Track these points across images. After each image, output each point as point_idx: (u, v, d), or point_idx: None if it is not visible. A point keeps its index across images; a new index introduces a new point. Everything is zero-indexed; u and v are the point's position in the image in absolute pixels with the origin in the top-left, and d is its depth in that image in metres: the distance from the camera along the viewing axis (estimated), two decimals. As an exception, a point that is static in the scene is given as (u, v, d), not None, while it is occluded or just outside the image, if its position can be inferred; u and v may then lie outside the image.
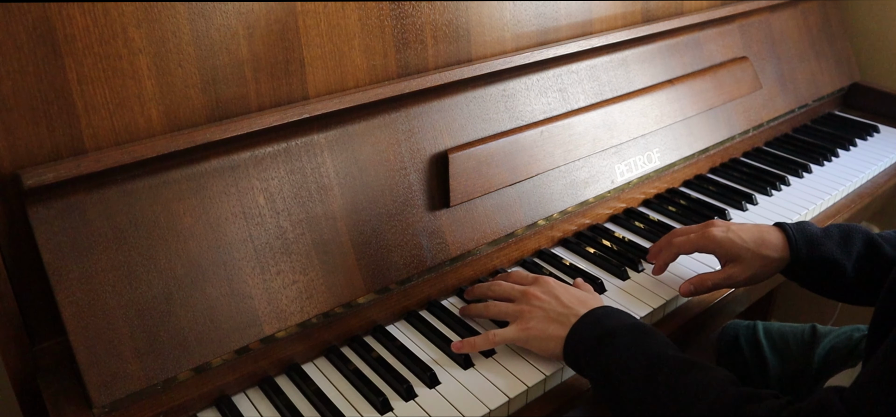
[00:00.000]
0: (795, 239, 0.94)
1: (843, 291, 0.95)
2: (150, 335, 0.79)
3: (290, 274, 0.88)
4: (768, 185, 1.34)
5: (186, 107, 0.85)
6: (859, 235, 0.94)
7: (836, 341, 1.09)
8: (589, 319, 0.84)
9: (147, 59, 0.81)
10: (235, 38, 0.87)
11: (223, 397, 0.86)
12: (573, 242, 1.17)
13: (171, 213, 0.82)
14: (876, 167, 1.43)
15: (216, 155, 0.85)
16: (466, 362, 0.90)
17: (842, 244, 0.93)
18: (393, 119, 0.99)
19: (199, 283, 0.82)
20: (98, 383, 0.76)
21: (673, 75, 1.33)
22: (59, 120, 0.77)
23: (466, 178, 1.02)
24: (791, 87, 1.56)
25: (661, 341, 0.79)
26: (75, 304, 0.75)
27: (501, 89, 1.10)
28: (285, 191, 0.89)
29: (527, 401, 0.87)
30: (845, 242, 0.93)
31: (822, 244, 0.93)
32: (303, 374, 0.89)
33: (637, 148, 1.25)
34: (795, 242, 0.93)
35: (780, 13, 1.57)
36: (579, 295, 0.91)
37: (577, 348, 0.83)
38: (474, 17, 1.08)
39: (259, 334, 0.86)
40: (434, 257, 1.00)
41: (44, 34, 0.74)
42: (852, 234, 0.94)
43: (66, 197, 0.76)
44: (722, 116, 1.40)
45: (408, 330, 0.98)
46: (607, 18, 1.27)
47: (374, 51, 0.99)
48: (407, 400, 0.85)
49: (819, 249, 0.93)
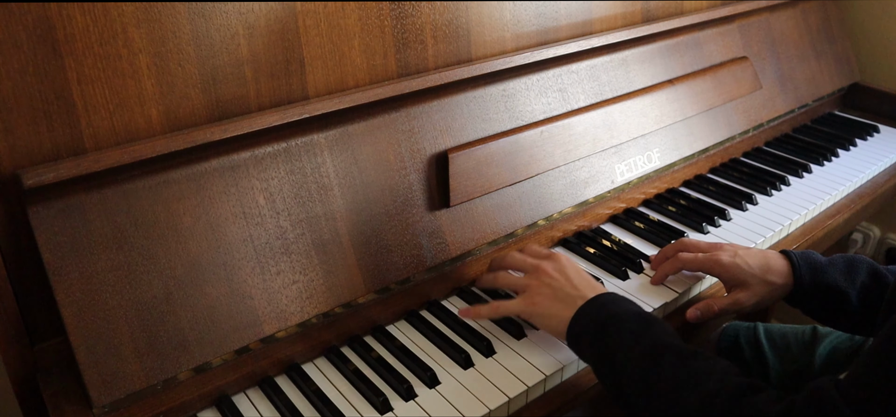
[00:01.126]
0: (799, 266, 0.95)
1: (848, 320, 0.95)
2: (150, 335, 0.79)
3: (290, 274, 0.88)
4: (768, 185, 1.33)
5: (186, 107, 0.85)
6: (864, 266, 0.95)
7: (837, 342, 1.09)
8: (595, 303, 0.85)
9: (147, 58, 0.81)
10: (235, 37, 0.87)
11: (223, 397, 0.86)
12: (573, 242, 1.17)
13: (171, 213, 0.82)
14: (876, 167, 1.43)
15: (216, 155, 0.85)
16: (466, 362, 0.90)
17: (846, 273, 0.94)
18: (393, 119, 0.99)
19: (199, 283, 0.82)
20: (98, 383, 0.76)
21: (673, 75, 1.33)
22: (59, 120, 0.77)
23: (466, 178, 1.02)
24: (791, 87, 1.56)
25: (666, 330, 0.80)
26: (75, 304, 0.75)
27: (501, 89, 1.10)
28: (285, 191, 0.89)
29: (527, 401, 0.87)
30: (849, 272, 0.94)
31: (825, 272, 0.94)
32: (303, 374, 0.89)
33: (637, 148, 1.25)
34: (799, 269, 0.94)
35: (780, 13, 1.57)
36: (590, 278, 0.92)
37: (581, 330, 0.84)
38: (474, 16, 1.08)
39: (259, 334, 0.86)
40: (434, 257, 1.00)
41: (44, 34, 0.74)
42: (857, 265, 0.95)
43: (66, 197, 0.76)
44: (722, 116, 1.40)
45: (408, 330, 0.98)
46: (607, 18, 1.27)
47: (374, 51, 0.99)
48: (407, 400, 0.85)
49: (822, 277, 0.94)
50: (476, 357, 0.91)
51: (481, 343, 0.92)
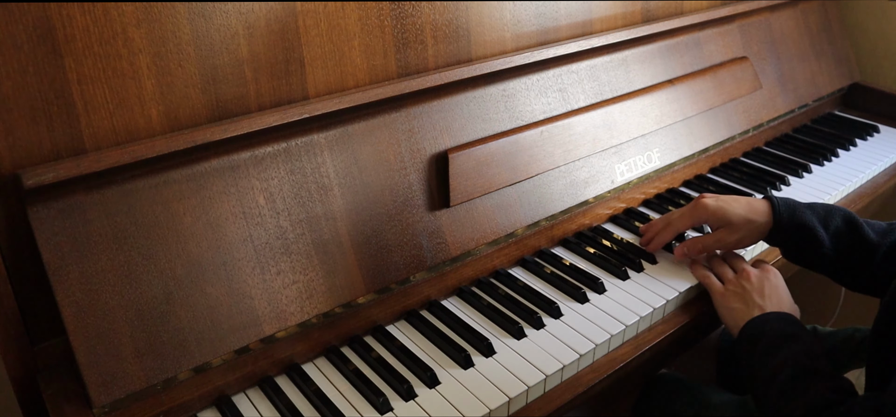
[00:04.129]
0: (778, 205, 1.01)
1: (821, 262, 1.00)
2: (150, 335, 0.79)
3: (290, 274, 0.88)
4: (768, 185, 1.33)
5: (186, 107, 0.85)
6: (840, 213, 1.01)
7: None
8: (759, 320, 0.92)
9: (147, 58, 0.81)
10: (235, 37, 0.87)
11: (223, 397, 0.86)
12: (573, 242, 1.17)
13: (171, 213, 0.82)
14: (876, 167, 1.43)
15: (216, 155, 0.85)
16: (466, 362, 0.90)
17: (822, 217, 1.00)
18: (393, 119, 0.99)
19: (199, 283, 0.82)
20: (98, 383, 0.76)
21: (673, 75, 1.33)
22: (59, 120, 0.77)
23: (466, 178, 1.02)
24: (791, 87, 1.56)
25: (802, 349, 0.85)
26: (75, 304, 0.75)
27: (501, 89, 1.10)
28: (285, 191, 0.89)
29: (527, 401, 0.87)
30: (826, 216, 1.00)
31: (802, 212, 1.00)
32: (303, 374, 0.89)
33: (637, 148, 1.25)
34: (778, 208, 1.01)
35: (780, 13, 1.57)
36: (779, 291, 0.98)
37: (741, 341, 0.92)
38: (474, 16, 1.08)
39: (259, 334, 0.86)
40: (434, 257, 1.00)
41: (44, 34, 0.74)
42: (834, 211, 1.01)
43: (66, 197, 0.76)
44: (722, 116, 1.40)
45: (408, 330, 0.98)
46: (607, 18, 1.27)
47: (374, 51, 0.99)
48: (407, 400, 0.85)
49: (799, 216, 1.00)
50: (476, 357, 0.91)
51: (481, 343, 0.92)
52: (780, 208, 1.01)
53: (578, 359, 0.91)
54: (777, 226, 1.01)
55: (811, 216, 1.00)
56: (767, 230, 1.02)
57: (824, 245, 0.98)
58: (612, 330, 0.95)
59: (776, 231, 1.01)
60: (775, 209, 1.01)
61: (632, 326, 0.97)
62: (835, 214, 1.00)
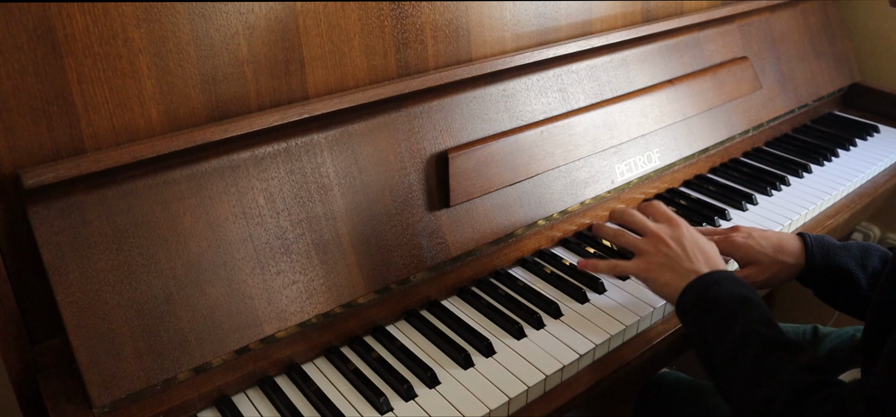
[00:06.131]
0: (812, 247, 0.96)
1: (858, 305, 0.95)
2: (150, 335, 0.79)
3: (290, 274, 0.88)
4: (768, 185, 1.33)
5: (186, 107, 0.85)
6: (877, 253, 0.95)
7: (838, 342, 1.09)
8: (702, 282, 0.85)
9: (147, 58, 0.81)
10: (235, 37, 0.87)
11: (223, 397, 0.86)
12: (573, 242, 1.17)
13: (171, 213, 0.82)
14: (876, 167, 1.43)
15: (216, 155, 0.85)
16: (466, 362, 0.90)
17: (858, 258, 0.94)
18: (393, 119, 0.99)
19: (199, 283, 0.82)
20: (98, 383, 0.76)
21: (673, 75, 1.33)
22: (59, 120, 0.77)
23: (466, 178, 1.02)
24: (791, 87, 1.56)
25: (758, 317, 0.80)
26: (75, 304, 0.75)
27: (501, 89, 1.10)
28: (285, 191, 0.89)
29: (527, 401, 0.87)
30: (863, 256, 0.95)
31: (838, 254, 0.95)
32: (303, 374, 0.89)
33: (637, 148, 1.25)
34: (811, 249, 0.95)
35: (780, 13, 1.57)
36: (706, 249, 0.91)
37: (686, 307, 0.85)
38: (474, 16, 1.08)
39: (259, 334, 0.86)
40: (434, 257, 1.00)
41: (44, 34, 0.74)
42: (871, 250, 0.95)
43: (66, 197, 0.76)
44: (722, 116, 1.40)
45: (408, 329, 0.98)
46: (607, 18, 1.27)
47: (374, 51, 0.99)
48: (407, 400, 0.85)
49: (834, 258, 0.94)
50: (476, 357, 0.91)
51: (481, 343, 0.92)
52: (813, 249, 0.95)
53: (578, 359, 0.91)
54: (810, 268, 0.95)
55: (847, 257, 0.94)
56: (798, 271, 0.97)
57: (862, 288, 0.93)
58: (613, 330, 0.95)
59: (809, 272, 0.96)
60: (808, 249, 0.95)
61: (632, 326, 0.97)
62: (873, 254, 0.95)
